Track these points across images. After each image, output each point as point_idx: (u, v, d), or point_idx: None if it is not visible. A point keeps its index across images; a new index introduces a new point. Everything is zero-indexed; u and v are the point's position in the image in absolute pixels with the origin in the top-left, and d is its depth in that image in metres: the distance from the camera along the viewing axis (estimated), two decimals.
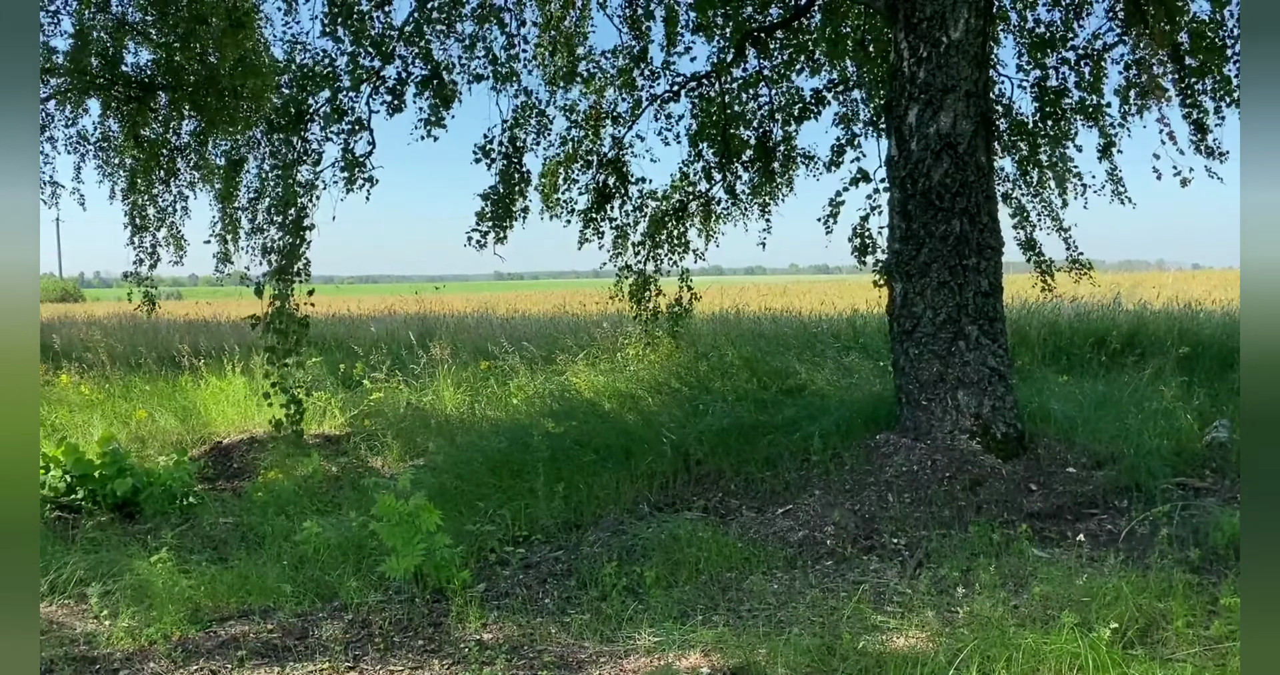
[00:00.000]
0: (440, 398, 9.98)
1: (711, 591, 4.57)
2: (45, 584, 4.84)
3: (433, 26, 8.04)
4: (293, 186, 7.55)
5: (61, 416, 9.45)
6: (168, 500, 6.83)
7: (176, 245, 12.67)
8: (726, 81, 9.50)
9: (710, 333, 12.27)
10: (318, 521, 5.39)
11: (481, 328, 15.64)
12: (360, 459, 8.12)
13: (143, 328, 16.29)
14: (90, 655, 3.98)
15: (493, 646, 3.93)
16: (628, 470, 6.38)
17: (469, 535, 5.28)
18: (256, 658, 3.91)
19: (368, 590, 4.63)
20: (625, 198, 10.10)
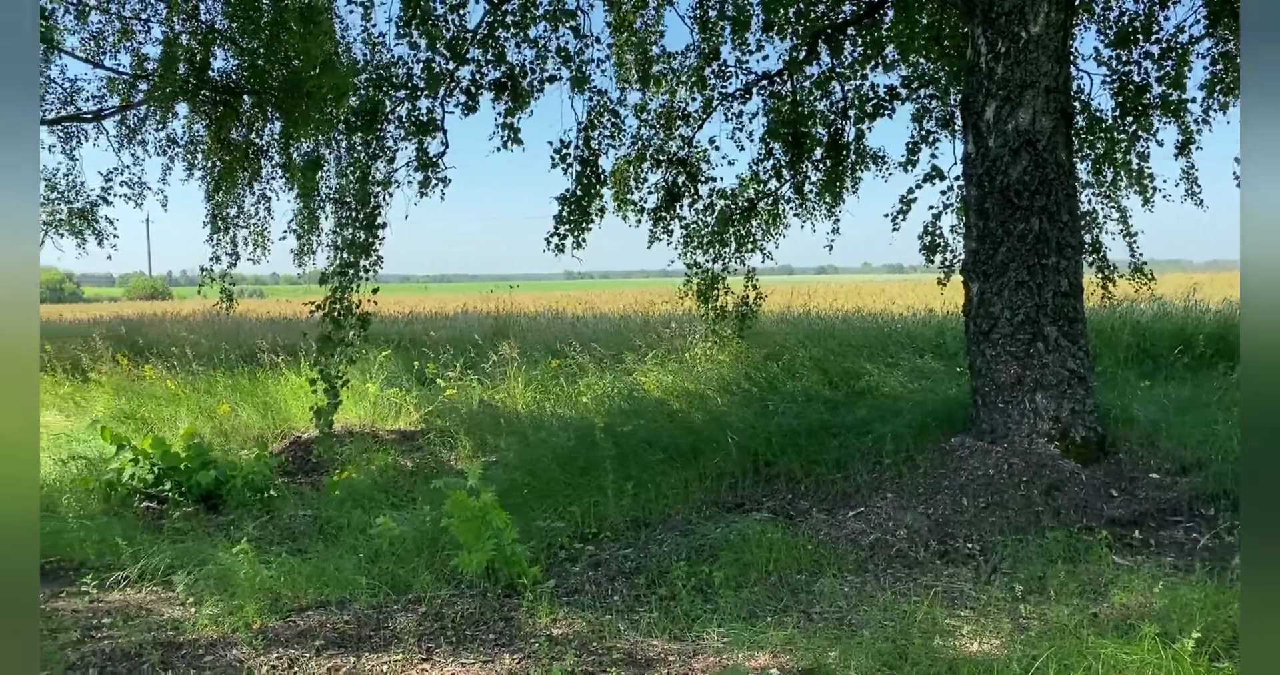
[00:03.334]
0: (511, 395, 10.09)
1: (781, 593, 4.54)
2: (135, 570, 5.03)
3: (506, 29, 8.13)
4: (367, 185, 7.72)
5: (150, 410, 9.79)
6: (249, 493, 7.03)
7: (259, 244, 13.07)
8: (798, 79, 9.43)
9: (780, 332, 12.19)
10: (392, 515, 5.50)
11: (552, 327, 15.77)
12: (434, 454, 8.25)
13: (226, 325, 16.79)
14: (177, 640, 4.12)
15: (562, 641, 3.96)
16: (696, 470, 6.38)
17: (539, 531, 5.34)
18: (333, 647, 4.01)
19: (440, 584, 4.71)
20: (695, 197, 10.10)
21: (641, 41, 9.49)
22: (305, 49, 9.40)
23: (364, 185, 7.71)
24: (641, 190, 10.12)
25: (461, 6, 7.98)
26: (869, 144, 9.79)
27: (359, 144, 8.08)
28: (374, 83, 8.03)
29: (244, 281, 12.68)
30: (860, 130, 9.60)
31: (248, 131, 11.90)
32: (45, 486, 7.04)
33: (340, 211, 8.27)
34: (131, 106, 15.38)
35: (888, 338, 11.41)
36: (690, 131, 9.92)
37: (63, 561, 5.55)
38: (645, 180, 10.06)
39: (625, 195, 10.07)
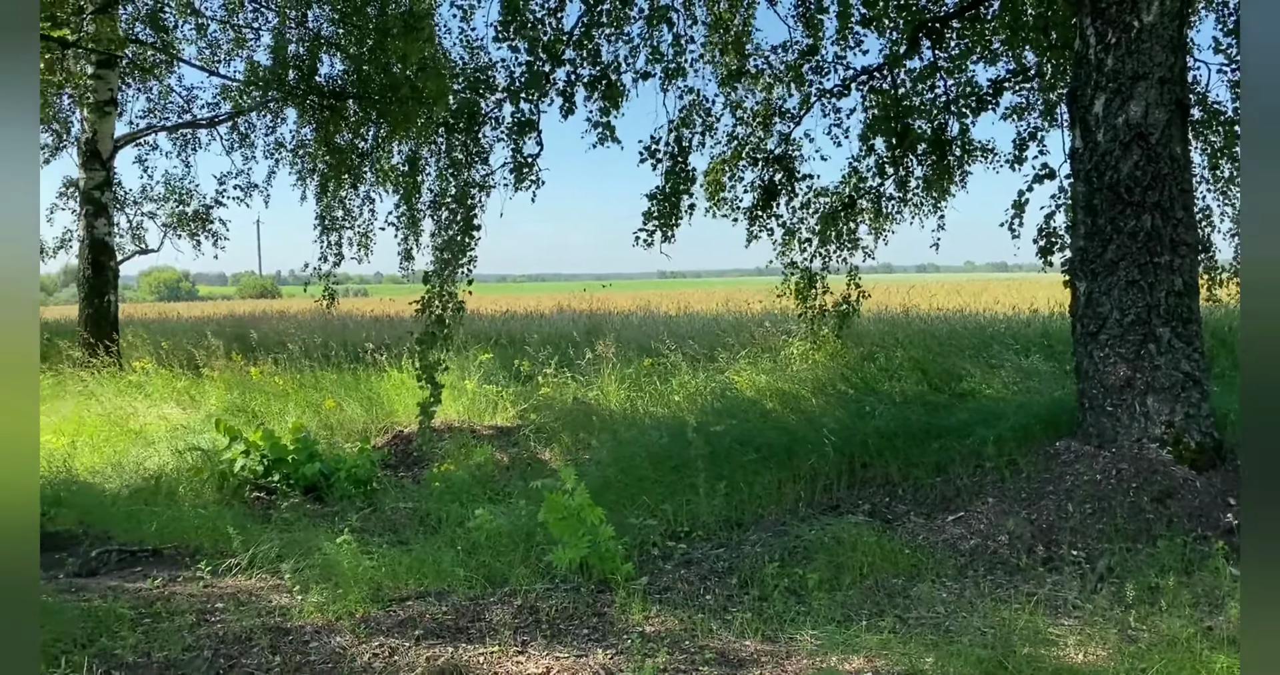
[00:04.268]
0: (605, 393, 10.17)
1: (876, 597, 4.47)
2: (246, 558, 5.24)
3: (601, 29, 8.19)
4: (465, 186, 7.88)
5: (260, 404, 10.17)
6: (353, 485, 7.25)
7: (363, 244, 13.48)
8: (899, 74, 9.26)
9: (878, 333, 11.99)
10: (489, 509, 5.61)
11: (645, 325, 15.83)
12: (529, 450, 8.37)
13: (332, 322, 17.35)
14: (284, 627, 4.28)
15: (655, 639, 3.98)
16: (790, 471, 6.32)
17: (631, 529, 5.37)
18: (432, 638, 4.10)
19: (535, 578, 4.78)
20: (792, 194, 10.01)
21: (738, 38, 9.46)
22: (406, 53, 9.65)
23: (461, 186, 7.88)
24: (737, 189, 10.09)
25: (559, 9, 8.07)
26: (976, 137, 9.56)
27: (457, 146, 8.26)
28: (472, 85, 8.20)
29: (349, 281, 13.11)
30: (964, 125, 9.38)
31: (352, 135, 12.28)
32: (164, 476, 7.39)
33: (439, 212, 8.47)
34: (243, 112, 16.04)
35: (990, 338, 11.12)
36: (787, 128, 9.84)
37: (179, 548, 5.82)
38: (741, 178, 10.02)
39: (719, 194, 10.05)
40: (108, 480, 7.46)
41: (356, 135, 12.21)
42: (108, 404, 10.28)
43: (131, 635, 4.08)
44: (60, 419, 9.49)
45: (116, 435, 8.73)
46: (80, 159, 14.70)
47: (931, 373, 9.62)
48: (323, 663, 3.85)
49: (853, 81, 9.51)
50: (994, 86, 9.10)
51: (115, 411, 9.86)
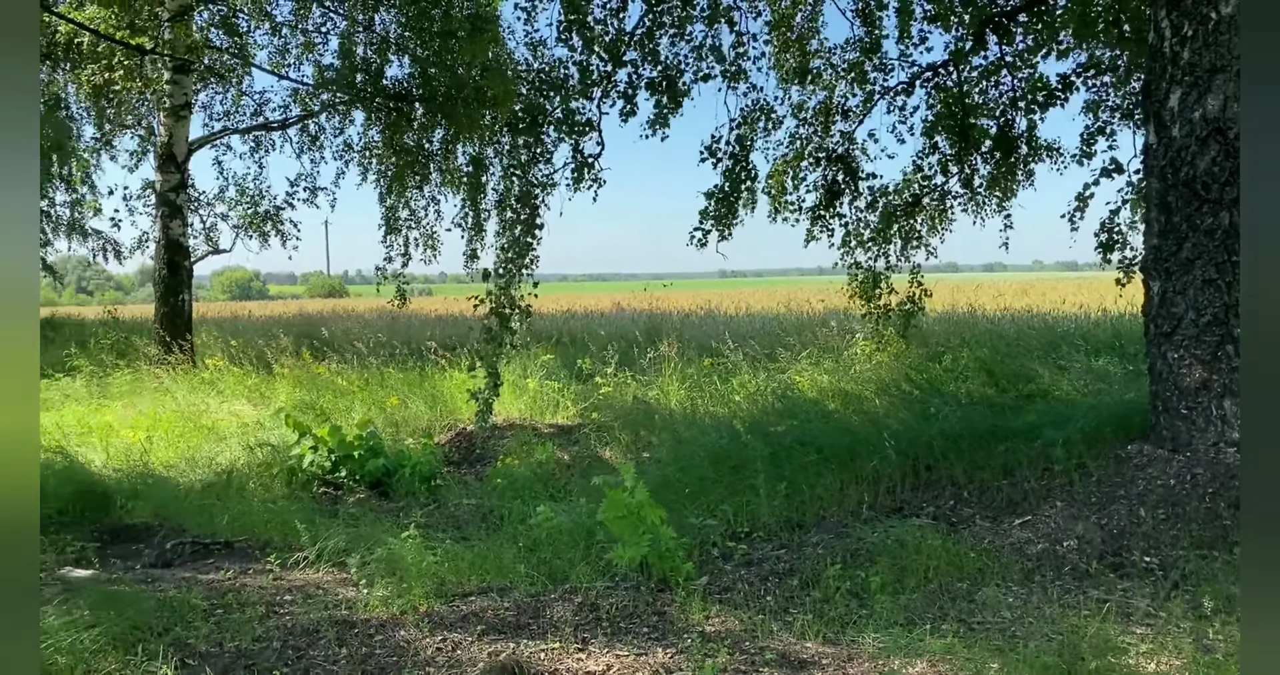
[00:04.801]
0: (665, 393, 10.17)
1: (940, 601, 4.41)
2: (313, 552, 5.35)
3: (664, 30, 8.21)
4: (528, 186, 7.96)
5: (327, 401, 10.38)
6: (417, 481, 7.37)
7: (429, 244, 13.68)
8: (965, 70, 9.11)
9: (943, 333, 11.81)
10: (550, 507, 5.65)
11: (705, 325, 15.81)
12: (590, 449, 8.42)
13: (398, 321, 17.63)
14: (350, 619, 4.36)
15: (715, 639, 3.97)
16: (852, 472, 6.26)
17: (691, 528, 5.37)
18: (494, 633, 4.15)
19: (596, 576, 4.80)
20: (855, 194, 9.91)
21: (800, 37, 9.39)
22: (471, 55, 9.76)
23: (525, 186, 7.96)
24: (799, 189, 10.03)
25: (621, 10, 8.11)
26: (1042, 135, 9.36)
27: (520, 146, 8.35)
28: (535, 87, 8.27)
29: (414, 280, 13.32)
30: (1032, 121, 9.19)
31: (418, 136, 12.47)
32: (235, 470, 7.58)
33: (503, 212, 8.57)
34: (312, 115, 16.40)
35: (1059, 338, 10.87)
36: (849, 127, 9.75)
37: (250, 541, 5.97)
38: (803, 179, 9.95)
39: (781, 196, 9.99)
40: (182, 474, 7.68)
41: (422, 137, 12.39)
42: (182, 400, 10.58)
43: (205, 625, 4.20)
44: (137, 414, 9.79)
45: (190, 431, 8.98)
46: (157, 162, 15.16)
47: (998, 373, 9.44)
48: (387, 656, 3.91)
49: (917, 79, 9.38)
50: (1063, 82, 8.90)
51: (189, 408, 10.14)
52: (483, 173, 9.70)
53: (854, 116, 9.75)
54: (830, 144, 9.80)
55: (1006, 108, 9.18)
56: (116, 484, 7.13)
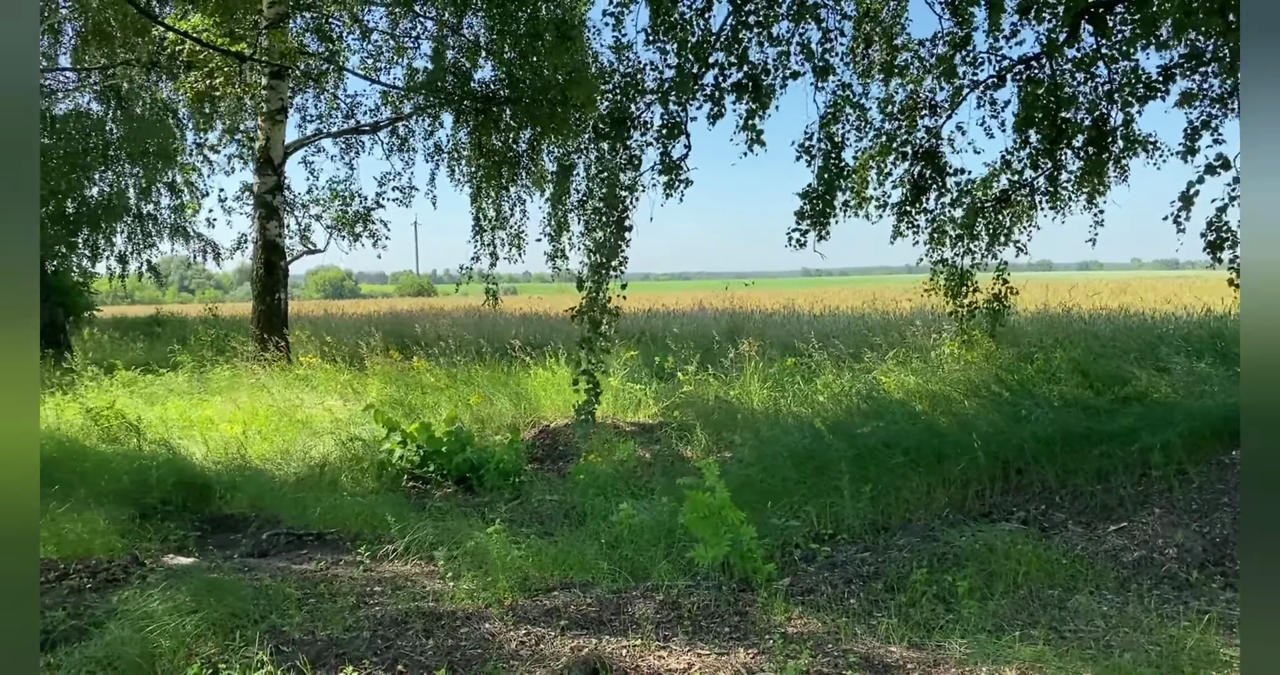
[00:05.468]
0: (747, 392, 10.12)
1: (1030, 607, 4.30)
2: (402, 544, 5.48)
3: (749, 29, 8.16)
4: (615, 189, 8.00)
5: (416, 398, 10.61)
6: (501, 477, 7.49)
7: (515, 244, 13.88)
8: (1058, 62, 8.84)
9: (1036, 332, 11.50)
10: (632, 504, 5.69)
11: (788, 324, 15.68)
12: (671, 447, 8.43)
13: (485, 320, 17.92)
14: (437, 611, 4.45)
15: (797, 640, 3.95)
16: (939, 475, 6.14)
17: (773, 529, 5.34)
18: (576, 628, 4.19)
19: (677, 574, 4.81)
20: (942, 190, 9.71)
21: (887, 31, 9.24)
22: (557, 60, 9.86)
23: (612, 189, 8.01)
24: (884, 184, 9.87)
25: (707, 10, 8.09)
26: (1139, 129, 9.03)
27: (606, 149, 8.40)
28: (622, 89, 8.31)
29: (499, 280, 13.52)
30: (1129, 115, 8.87)
31: (505, 138, 12.65)
32: (327, 464, 7.81)
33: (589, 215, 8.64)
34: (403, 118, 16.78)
35: (1158, 339, 10.48)
36: (937, 122, 9.56)
37: (341, 533, 6.14)
38: (889, 174, 9.79)
39: (864, 190, 9.85)
40: (277, 467, 7.94)
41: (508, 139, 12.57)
42: (278, 396, 10.93)
43: (298, 613, 4.34)
44: (235, 409, 10.15)
45: (285, 425, 9.27)
46: (254, 165, 15.69)
47: (1093, 375, 9.15)
48: (473, 647, 3.98)
49: (1007, 72, 9.14)
50: (1163, 73, 8.56)
51: (284, 403, 10.48)
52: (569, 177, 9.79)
53: (941, 111, 9.56)
54: (917, 139, 9.62)
55: (1101, 101, 8.88)
56: (216, 476, 7.41)
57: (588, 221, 8.80)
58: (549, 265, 11.31)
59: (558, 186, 9.90)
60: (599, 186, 8.52)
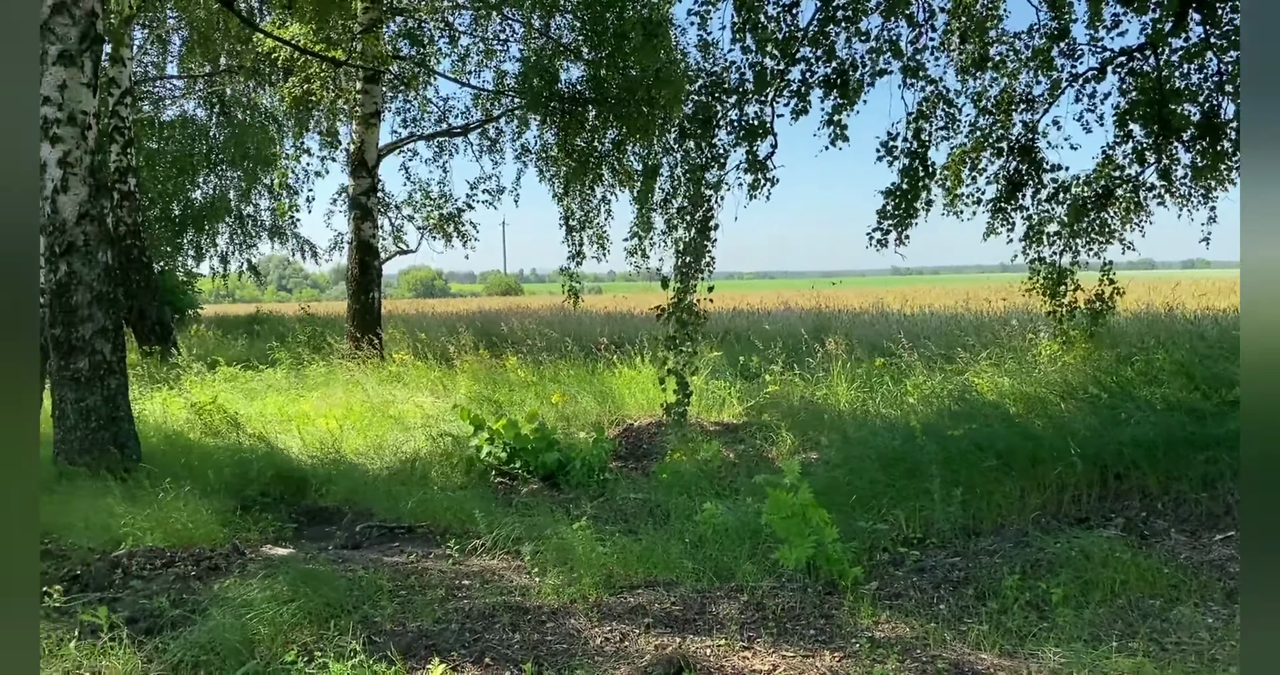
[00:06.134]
0: (834, 393, 10.00)
1: (1129, 617, 4.15)
2: (489, 539, 5.57)
3: (837, 24, 8.06)
4: (701, 189, 7.99)
5: (503, 395, 10.78)
6: (586, 474, 7.55)
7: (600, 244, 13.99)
8: (1163, 53, 8.51)
9: (1137, 333, 11.08)
10: (716, 504, 5.67)
11: (877, 324, 15.44)
12: (755, 448, 8.38)
13: (570, 319, 18.09)
14: (524, 605, 4.52)
15: (885, 645, 3.88)
16: (1033, 479, 5.97)
17: (860, 532, 5.26)
18: (660, 626, 4.20)
19: (762, 575, 4.78)
20: (1039, 186, 9.44)
21: (980, 24, 9.02)
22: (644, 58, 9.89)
23: (697, 188, 8.00)
24: (978, 181, 9.63)
25: (794, 6, 8.01)
26: None
27: (692, 149, 8.39)
28: (707, 89, 8.29)
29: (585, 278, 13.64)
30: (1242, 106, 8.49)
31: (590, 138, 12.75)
32: (418, 459, 7.98)
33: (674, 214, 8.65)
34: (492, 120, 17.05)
35: None
36: (1033, 116, 9.29)
37: (431, 526, 6.27)
38: (983, 170, 9.56)
39: (958, 188, 9.63)
40: (370, 461, 8.15)
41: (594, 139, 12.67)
42: (371, 392, 11.22)
43: (390, 605, 4.45)
44: (330, 404, 10.45)
45: (378, 420, 9.51)
46: (349, 168, 16.13)
47: (1198, 377, 8.76)
48: (558, 642, 4.03)
49: (1108, 64, 8.83)
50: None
51: (377, 399, 10.74)
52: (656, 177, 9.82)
53: (1038, 105, 9.28)
54: (1012, 134, 9.37)
55: (1212, 92, 8.51)
56: (312, 469, 7.65)
57: (672, 221, 8.80)
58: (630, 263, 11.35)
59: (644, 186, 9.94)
60: (684, 186, 8.51)
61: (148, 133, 23.20)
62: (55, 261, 7.05)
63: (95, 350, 7.11)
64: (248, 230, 26.94)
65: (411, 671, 3.70)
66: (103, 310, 7.16)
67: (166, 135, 24.59)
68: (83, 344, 7.07)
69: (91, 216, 7.11)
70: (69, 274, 7.03)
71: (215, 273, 27.82)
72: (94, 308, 7.11)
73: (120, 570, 5.08)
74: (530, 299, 37.42)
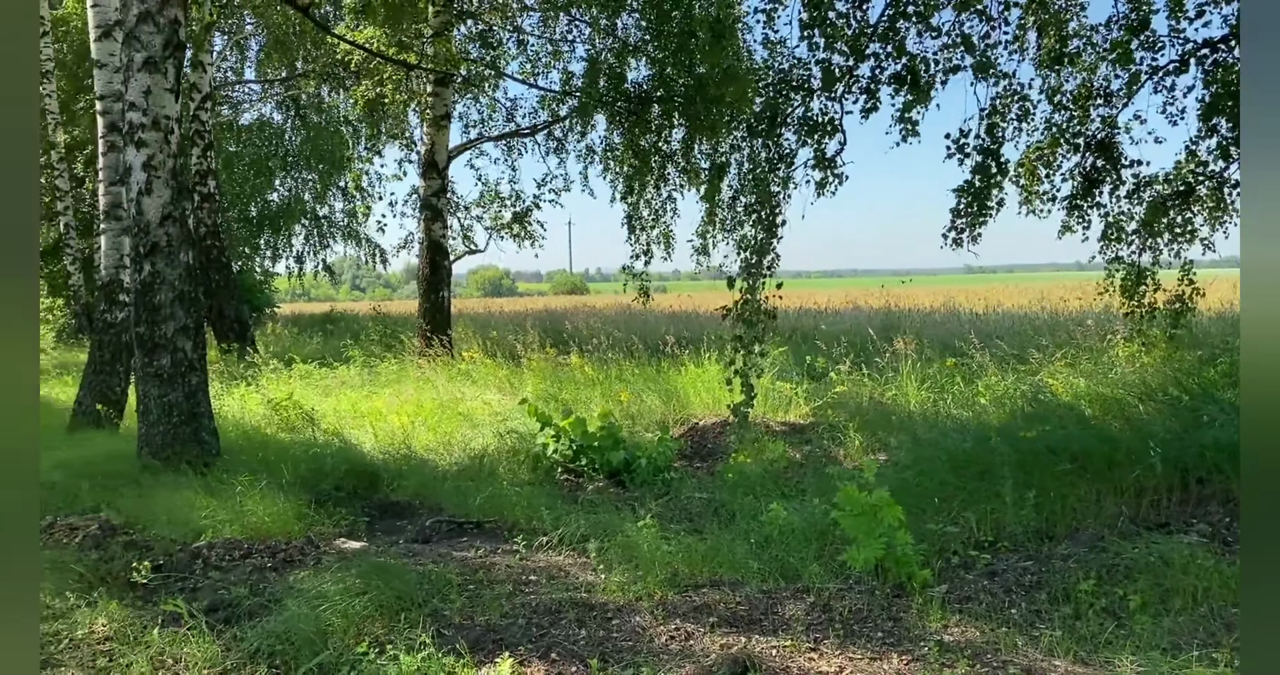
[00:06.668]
0: (903, 393, 9.87)
1: (1211, 626, 4.02)
2: (555, 536, 5.62)
3: (908, 19, 7.94)
4: (768, 187, 7.94)
5: (569, 393, 10.85)
6: (652, 472, 7.57)
7: (665, 243, 14.01)
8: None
9: (1220, 333, 10.73)
10: (782, 504, 5.64)
11: (948, 323, 15.19)
12: (823, 448, 8.31)
13: (635, 318, 18.14)
14: (589, 602, 4.55)
15: (954, 649, 3.83)
16: (1110, 482, 5.82)
17: (930, 534, 5.19)
18: (725, 626, 4.20)
19: (828, 576, 4.75)
20: (1117, 183, 9.18)
21: (1056, 17, 8.80)
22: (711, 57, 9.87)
23: (764, 187, 7.95)
24: (1053, 178, 9.41)
25: (864, 1, 7.92)
26: None
27: (759, 146, 8.35)
28: (774, 87, 8.23)
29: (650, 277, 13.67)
30: None
31: (656, 137, 12.77)
32: (486, 455, 8.08)
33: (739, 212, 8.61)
34: (559, 120, 17.18)
35: None
36: (1111, 111, 9.04)
37: (499, 522, 6.35)
38: (1059, 167, 9.33)
39: (1034, 185, 9.42)
40: (440, 457, 8.28)
41: (659, 137, 12.69)
42: (441, 389, 11.39)
43: (459, 599, 4.52)
44: (402, 401, 10.64)
45: (448, 417, 9.65)
46: (420, 169, 16.40)
47: None
48: (624, 640, 4.05)
49: (1190, 56, 8.55)
50: None
51: (447, 396, 10.90)
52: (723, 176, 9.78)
53: (1117, 100, 9.03)
54: (1090, 130, 9.12)
55: None
56: (384, 464, 7.80)
57: (738, 219, 8.76)
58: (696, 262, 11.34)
59: (710, 186, 9.91)
60: (751, 184, 8.47)
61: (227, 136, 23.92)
62: (140, 262, 7.31)
63: (177, 348, 7.35)
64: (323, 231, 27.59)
65: (479, 665, 3.76)
66: (184, 309, 7.39)
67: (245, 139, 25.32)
68: (165, 342, 7.31)
69: (174, 218, 7.35)
70: (153, 274, 7.28)
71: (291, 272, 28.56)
72: (176, 306, 7.34)
73: (200, 561, 5.25)
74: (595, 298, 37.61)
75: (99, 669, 3.79)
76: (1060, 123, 9.10)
